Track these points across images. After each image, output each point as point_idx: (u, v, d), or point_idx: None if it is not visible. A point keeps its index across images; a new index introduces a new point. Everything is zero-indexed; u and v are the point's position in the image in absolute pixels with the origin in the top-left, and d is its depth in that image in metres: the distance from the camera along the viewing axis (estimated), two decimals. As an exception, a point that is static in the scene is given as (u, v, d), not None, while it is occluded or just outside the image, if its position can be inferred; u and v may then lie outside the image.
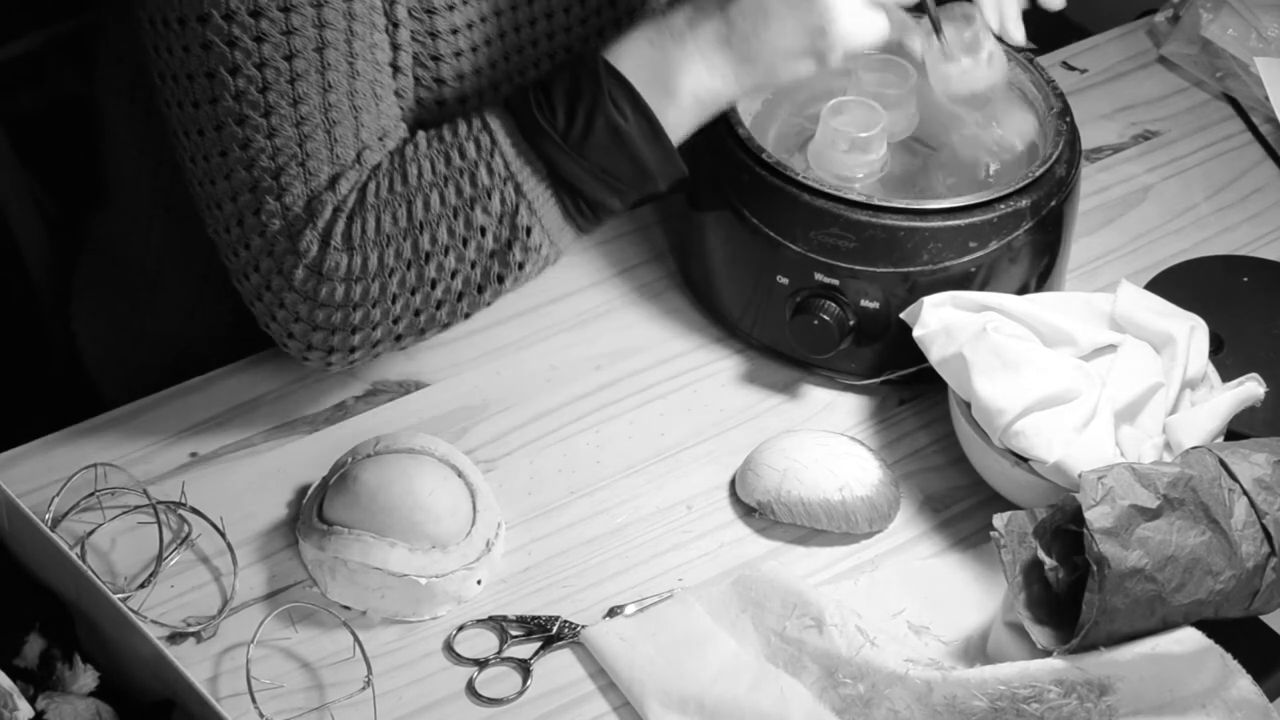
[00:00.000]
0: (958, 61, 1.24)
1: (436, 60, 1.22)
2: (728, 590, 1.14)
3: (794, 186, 1.24)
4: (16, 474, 1.20)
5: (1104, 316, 1.24)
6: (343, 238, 1.15)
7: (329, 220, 1.15)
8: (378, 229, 1.15)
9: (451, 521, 1.14)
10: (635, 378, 1.30)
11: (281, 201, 1.15)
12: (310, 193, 1.15)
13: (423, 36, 1.20)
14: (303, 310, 1.17)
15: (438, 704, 1.10)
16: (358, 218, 1.16)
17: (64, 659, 1.02)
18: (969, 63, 1.24)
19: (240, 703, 1.07)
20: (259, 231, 1.16)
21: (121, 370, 1.49)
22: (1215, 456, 1.09)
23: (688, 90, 1.16)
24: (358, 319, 1.17)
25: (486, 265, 1.17)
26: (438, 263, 1.16)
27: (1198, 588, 1.06)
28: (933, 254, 1.23)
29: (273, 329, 1.19)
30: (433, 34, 1.21)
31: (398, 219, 1.16)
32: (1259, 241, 1.44)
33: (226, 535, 1.17)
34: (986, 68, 1.25)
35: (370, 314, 1.17)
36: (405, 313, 1.18)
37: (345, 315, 1.17)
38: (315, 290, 1.16)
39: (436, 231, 1.16)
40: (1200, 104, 1.57)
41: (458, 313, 1.19)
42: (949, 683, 1.06)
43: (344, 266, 1.16)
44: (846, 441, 1.22)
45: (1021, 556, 1.09)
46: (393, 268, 1.16)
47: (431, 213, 1.15)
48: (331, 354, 1.19)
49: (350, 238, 1.15)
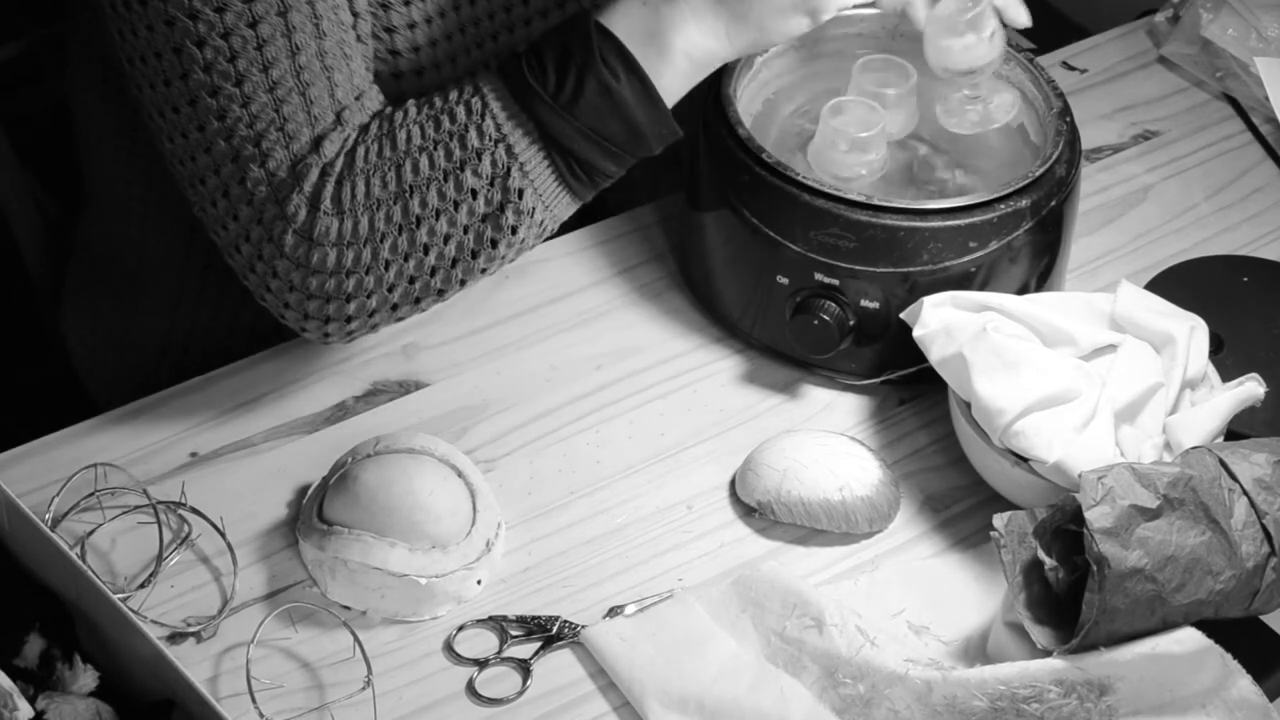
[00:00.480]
0: (961, 36, 1.24)
1: (390, 32, 1.22)
2: (728, 590, 1.14)
3: (794, 186, 1.24)
4: (16, 474, 1.20)
5: (1104, 316, 1.24)
6: (332, 201, 1.15)
7: (316, 183, 1.15)
8: (367, 193, 1.16)
9: (451, 521, 1.14)
10: (635, 378, 1.30)
11: (265, 168, 1.15)
12: (294, 156, 1.15)
13: (375, 7, 1.21)
14: (296, 278, 1.17)
15: (438, 704, 1.10)
16: (346, 181, 1.16)
17: (64, 659, 1.02)
18: (972, 39, 1.24)
19: (240, 703, 1.07)
20: (246, 200, 1.16)
21: (106, 373, 1.49)
22: (1215, 456, 1.09)
23: (680, 50, 1.16)
24: (351, 286, 1.17)
25: (480, 229, 1.17)
26: (429, 227, 1.16)
27: (1198, 588, 1.06)
28: (933, 254, 1.23)
29: (268, 300, 1.19)
30: (385, 4, 1.21)
31: (387, 183, 1.16)
32: (1259, 241, 1.44)
33: (226, 535, 1.17)
34: (988, 45, 1.25)
35: (364, 281, 1.17)
36: (400, 279, 1.18)
37: (339, 282, 1.17)
38: (307, 256, 1.16)
39: (427, 195, 1.16)
40: (1200, 104, 1.57)
41: (453, 280, 1.19)
42: (949, 683, 1.06)
43: (334, 231, 1.16)
44: (846, 441, 1.22)
45: (1021, 556, 1.09)
46: (384, 232, 1.16)
47: (421, 176, 1.16)
48: (328, 323, 1.19)
49: (340, 201, 1.15)
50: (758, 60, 1.34)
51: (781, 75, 1.37)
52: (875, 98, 1.31)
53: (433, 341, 1.31)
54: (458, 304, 1.34)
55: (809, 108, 1.35)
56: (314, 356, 1.30)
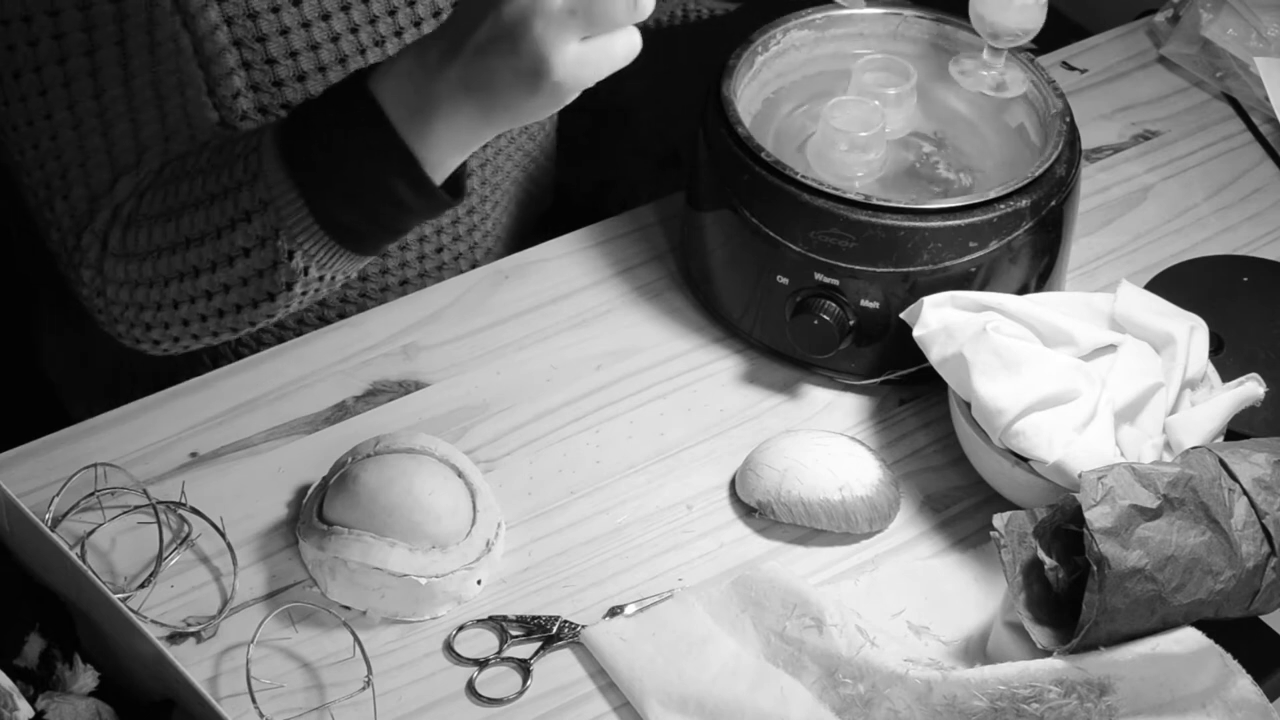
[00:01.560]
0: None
1: (271, 64, 1.23)
2: (728, 590, 1.14)
3: (794, 186, 1.24)
4: (16, 474, 1.20)
5: (1104, 316, 1.24)
6: (119, 243, 1.20)
7: (107, 223, 1.20)
8: (149, 239, 1.19)
9: (451, 521, 1.14)
10: (635, 378, 1.30)
11: (68, 201, 1.20)
12: (91, 194, 1.20)
13: (243, 18, 1.21)
14: (98, 304, 1.23)
15: (438, 704, 1.10)
16: (133, 226, 1.19)
17: (64, 659, 1.02)
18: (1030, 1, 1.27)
19: (240, 703, 1.07)
20: (55, 226, 1.21)
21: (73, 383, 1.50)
22: (1215, 456, 1.09)
23: (442, 128, 1.10)
24: (148, 317, 1.22)
25: (257, 283, 1.18)
26: (208, 277, 1.18)
27: (1198, 588, 1.06)
28: (933, 254, 1.23)
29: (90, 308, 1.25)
30: (253, 14, 1.22)
31: (166, 232, 1.18)
32: (1259, 241, 1.44)
33: (226, 535, 1.17)
34: (1038, 9, 1.27)
35: (158, 315, 1.21)
36: (191, 317, 1.21)
37: (136, 312, 1.22)
38: (102, 288, 1.22)
39: (203, 249, 1.17)
40: (1200, 104, 1.57)
41: (242, 322, 1.22)
42: (949, 683, 1.06)
43: (121, 272, 1.20)
44: (846, 441, 1.22)
45: (1021, 556, 1.09)
46: (166, 277, 1.19)
47: (196, 229, 1.17)
48: (139, 343, 1.25)
49: (125, 244, 1.19)
50: (758, 60, 1.34)
51: (781, 75, 1.37)
52: (875, 98, 1.31)
53: (433, 341, 1.31)
54: (458, 304, 1.34)
55: (809, 108, 1.35)
56: (314, 356, 1.30)
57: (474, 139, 1.11)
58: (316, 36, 1.24)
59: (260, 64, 1.22)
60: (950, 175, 1.31)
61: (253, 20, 1.21)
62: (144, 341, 1.24)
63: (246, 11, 1.21)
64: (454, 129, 1.10)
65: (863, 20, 1.38)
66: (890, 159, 1.31)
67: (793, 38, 1.36)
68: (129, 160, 1.19)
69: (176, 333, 1.22)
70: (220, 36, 1.21)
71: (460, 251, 1.42)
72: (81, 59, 1.16)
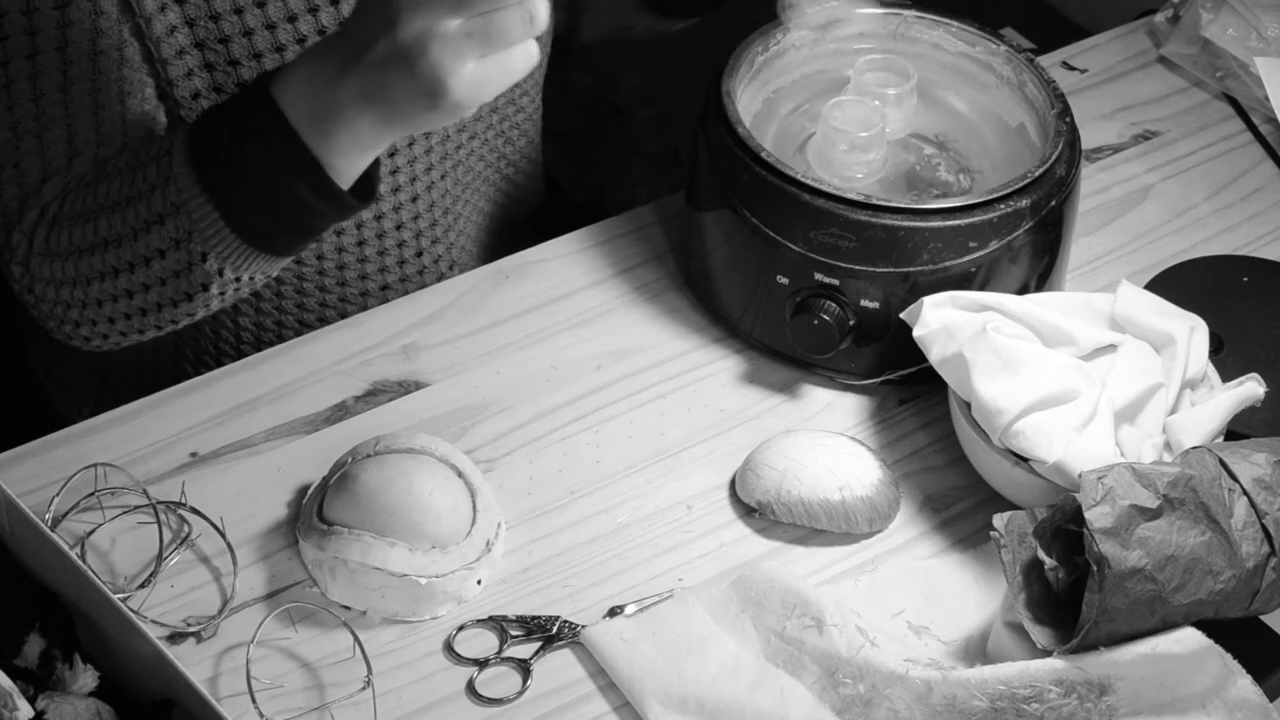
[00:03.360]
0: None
1: (235, 65, 1.23)
2: (728, 590, 1.14)
3: (794, 186, 1.24)
4: (16, 474, 1.20)
5: (1104, 316, 1.24)
6: (43, 242, 1.22)
7: (34, 223, 1.22)
8: (70, 239, 1.21)
9: (451, 521, 1.14)
10: (635, 378, 1.30)
11: (1, 198, 1.22)
12: (23, 193, 1.22)
13: (214, 44, 1.22)
14: (29, 300, 1.25)
15: (438, 704, 1.10)
16: (57, 226, 1.22)
17: (64, 659, 1.02)
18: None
19: (240, 703, 1.07)
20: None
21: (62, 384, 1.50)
22: (1215, 456, 1.10)
23: (342, 137, 1.11)
24: (75, 315, 1.24)
25: (175, 284, 1.19)
26: (127, 278, 1.20)
27: (1198, 588, 1.06)
28: (933, 254, 1.23)
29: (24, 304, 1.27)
30: (224, 40, 1.23)
31: (86, 233, 1.20)
32: (1259, 241, 1.44)
33: (226, 535, 1.17)
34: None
35: (84, 312, 1.23)
36: (116, 315, 1.23)
37: (64, 309, 1.24)
38: (31, 286, 1.24)
39: (120, 250, 1.19)
40: (1200, 104, 1.57)
41: (164, 323, 1.24)
42: (949, 683, 1.06)
43: (46, 270, 1.23)
44: (846, 441, 1.22)
45: (1021, 556, 1.09)
46: (88, 277, 1.21)
47: (114, 231, 1.19)
48: (71, 340, 1.27)
49: (49, 244, 1.22)
50: (758, 59, 1.34)
51: (781, 75, 1.37)
52: (875, 98, 1.31)
53: (433, 341, 1.31)
54: (457, 304, 1.34)
55: (809, 107, 1.35)
56: (314, 357, 1.30)
57: (376, 143, 1.13)
58: (282, 38, 1.24)
59: (223, 65, 1.23)
60: (950, 178, 1.31)
61: (214, 22, 1.22)
62: (75, 338, 1.26)
63: (209, 13, 1.22)
64: (355, 135, 1.11)
65: (863, 20, 1.38)
66: (891, 161, 1.31)
67: (793, 38, 1.36)
68: (61, 163, 1.22)
69: (104, 330, 1.25)
70: (179, 37, 1.21)
71: (439, 254, 1.41)
72: (23, 62, 1.17)
